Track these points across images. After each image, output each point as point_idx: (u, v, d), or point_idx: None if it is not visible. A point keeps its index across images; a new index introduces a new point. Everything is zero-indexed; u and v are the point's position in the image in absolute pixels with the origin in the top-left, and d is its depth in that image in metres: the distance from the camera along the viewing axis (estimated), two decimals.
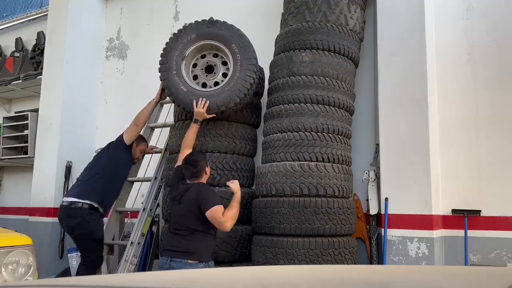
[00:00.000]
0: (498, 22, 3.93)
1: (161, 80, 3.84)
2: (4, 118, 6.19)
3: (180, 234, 3.09)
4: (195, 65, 3.87)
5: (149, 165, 4.84)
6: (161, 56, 3.85)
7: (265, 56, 4.29)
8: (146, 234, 4.35)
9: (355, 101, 4.04)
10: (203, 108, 3.55)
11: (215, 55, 3.85)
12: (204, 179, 3.25)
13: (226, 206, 3.13)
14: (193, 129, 3.61)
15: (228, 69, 3.76)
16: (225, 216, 3.00)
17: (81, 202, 3.84)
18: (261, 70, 4.31)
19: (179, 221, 3.13)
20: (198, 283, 1.07)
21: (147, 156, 4.93)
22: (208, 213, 3.00)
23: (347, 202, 3.61)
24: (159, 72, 3.83)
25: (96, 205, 3.89)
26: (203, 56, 3.87)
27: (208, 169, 3.31)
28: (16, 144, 6.04)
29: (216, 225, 3.03)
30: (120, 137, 4.16)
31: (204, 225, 3.07)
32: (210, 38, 3.76)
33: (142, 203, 4.45)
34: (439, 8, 4.09)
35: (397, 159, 3.75)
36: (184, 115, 4.04)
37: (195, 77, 3.83)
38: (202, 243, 3.10)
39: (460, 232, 3.70)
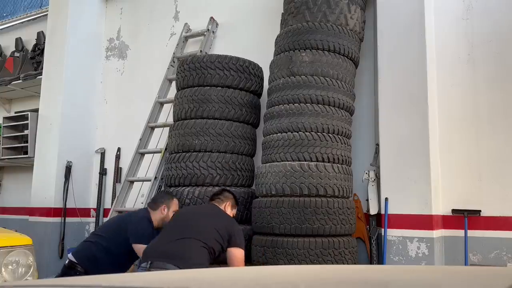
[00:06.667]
0: (498, 22, 3.93)
1: None
2: (4, 118, 6.19)
3: None
4: None
5: (150, 166, 4.84)
6: None
7: (265, 56, 4.29)
8: None
9: (355, 101, 4.04)
10: None
11: None
12: None
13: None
14: None
15: None
16: None
17: None
18: (260, 70, 4.32)
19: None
20: (198, 283, 1.07)
21: (147, 156, 4.93)
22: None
23: (347, 202, 3.61)
24: None
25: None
26: None
27: None
28: (16, 144, 6.04)
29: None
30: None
31: None
32: None
33: (142, 203, 4.45)
34: (439, 8, 4.09)
35: (397, 159, 3.75)
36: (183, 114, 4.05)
37: None
38: None
39: (460, 232, 3.69)
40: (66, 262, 3.40)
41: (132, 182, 4.77)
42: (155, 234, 3.37)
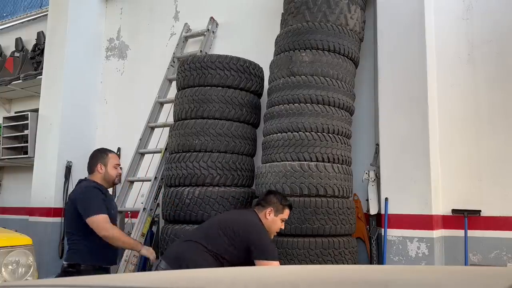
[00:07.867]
0: (498, 22, 3.93)
1: None
2: (4, 118, 6.18)
3: None
4: None
5: (150, 166, 4.84)
6: None
7: (265, 56, 4.29)
8: (146, 234, 4.35)
9: (355, 101, 4.04)
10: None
11: None
12: None
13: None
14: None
15: None
16: None
17: None
18: (261, 70, 4.32)
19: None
20: (198, 283, 1.07)
21: (147, 156, 4.93)
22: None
23: (347, 202, 3.61)
24: None
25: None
26: None
27: None
28: (16, 144, 6.04)
29: None
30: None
31: None
32: None
33: (142, 203, 4.45)
34: (439, 8, 4.09)
35: (397, 159, 3.75)
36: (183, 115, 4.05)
37: None
38: None
39: (460, 232, 3.69)
40: (64, 266, 3.22)
41: (132, 182, 4.78)
42: (105, 199, 3.19)
